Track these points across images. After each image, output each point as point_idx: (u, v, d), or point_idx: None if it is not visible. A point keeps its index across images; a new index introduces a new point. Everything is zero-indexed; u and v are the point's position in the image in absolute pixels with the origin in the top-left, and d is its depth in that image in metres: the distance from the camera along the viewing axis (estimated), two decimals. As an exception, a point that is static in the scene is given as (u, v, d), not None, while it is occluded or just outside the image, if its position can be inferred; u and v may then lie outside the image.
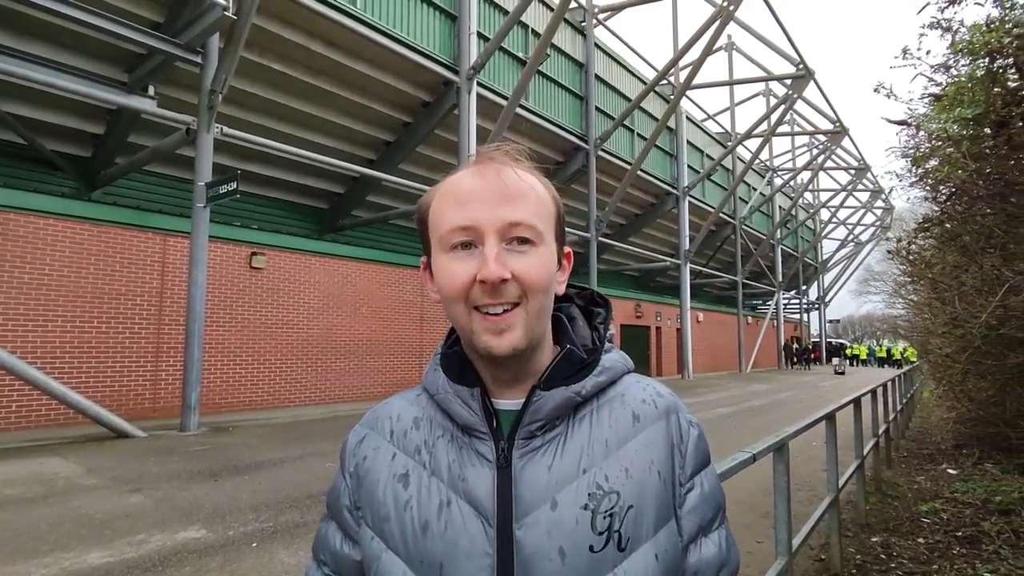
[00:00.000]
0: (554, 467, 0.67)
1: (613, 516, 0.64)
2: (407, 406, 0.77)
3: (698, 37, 15.72)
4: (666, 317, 24.88)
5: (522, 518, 0.64)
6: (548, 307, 0.71)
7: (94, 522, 4.28)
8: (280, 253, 11.71)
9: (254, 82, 10.48)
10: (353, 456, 0.76)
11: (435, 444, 0.71)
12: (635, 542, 0.65)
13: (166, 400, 9.82)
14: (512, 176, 0.68)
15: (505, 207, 0.66)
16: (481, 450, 0.68)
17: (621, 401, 0.73)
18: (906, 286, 9.48)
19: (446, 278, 0.68)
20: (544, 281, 0.68)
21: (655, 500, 0.67)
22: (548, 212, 0.71)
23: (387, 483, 0.71)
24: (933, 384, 9.26)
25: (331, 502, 0.78)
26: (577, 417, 0.70)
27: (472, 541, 0.64)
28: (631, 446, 0.69)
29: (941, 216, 4.70)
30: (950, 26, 3.75)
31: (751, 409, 12.44)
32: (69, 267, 8.92)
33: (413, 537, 0.66)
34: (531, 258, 0.67)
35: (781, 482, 2.56)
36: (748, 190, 28.90)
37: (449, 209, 0.68)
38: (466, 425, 0.70)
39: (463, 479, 0.67)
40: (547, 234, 0.69)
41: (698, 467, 0.73)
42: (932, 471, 6.50)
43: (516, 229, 0.66)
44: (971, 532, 4.25)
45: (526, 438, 0.68)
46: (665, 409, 0.73)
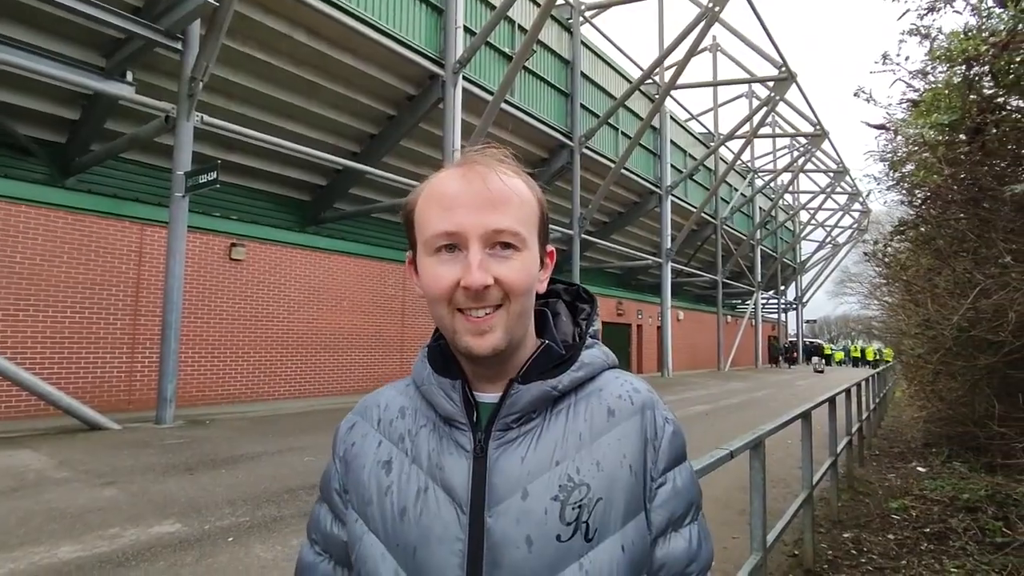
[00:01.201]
0: (527, 459, 0.69)
1: (582, 507, 0.66)
2: (396, 396, 0.80)
3: (683, 37, 15.82)
4: (647, 315, 25.06)
5: (494, 506, 0.67)
6: (529, 308, 0.73)
7: (65, 516, 4.20)
8: (260, 245, 11.57)
9: (236, 70, 10.32)
10: (343, 442, 0.79)
11: (418, 433, 0.74)
12: (602, 533, 0.67)
13: (141, 392, 9.66)
14: (496, 181, 0.69)
15: (489, 213, 0.68)
16: (460, 440, 0.71)
17: (598, 396, 0.74)
18: (881, 288, 9.67)
19: (431, 280, 0.70)
20: (526, 285, 0.70)
21: (625, 493, 0.69)
22: (532, 215, 0.73)
23: (371, 469, 0.74)
24: (905, 384, 9.46)
25: (323, 485, 0.81)
26: (554, 411, 0.72)
27: (445, 527, 0.67)
28: (604, 440, 0.71)
29: (916, 220, 4.81)
30: (928, 33, 3.83)
31: (729, 407, 12.60)
32: (42, 255, 8.71)
33: (392, 521, 0.69)
34: (514, 263, 0.69)
35: (757, 479, 2.60)
36: (730, 190, 29.21)
37: (434, 212, 0.70)
38: (447, 416, 0.72)
39: (440, 467, 0.70)
40: (530, 238, 0.71)
41: (671, 463, 0.74)
42: (902, 469, 6.66)
43: (500, 236, 0.68)
44: (939, 529, 4.36)
45: (502, 430, 0.71)
46: (641, 405, 0.75)
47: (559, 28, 16.87)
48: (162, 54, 8.78)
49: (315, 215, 13.69)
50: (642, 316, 24.80)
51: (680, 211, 23.96)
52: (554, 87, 16.54)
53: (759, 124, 22.52)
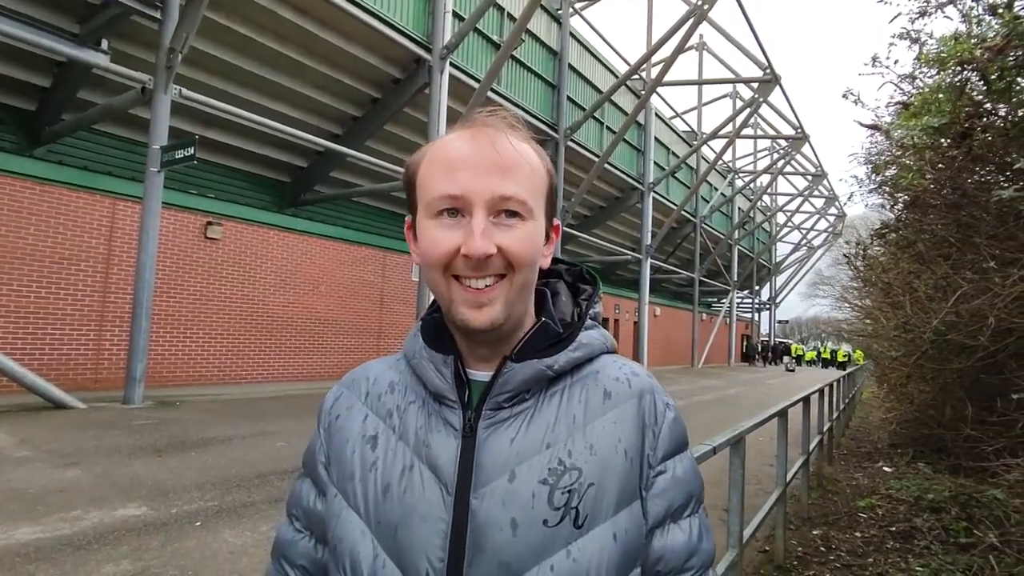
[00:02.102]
0: (517, 440, 0.66)
1: (572, 492, 0.63)
2: (385, 370, 0.77)
3: (671, 34, 15.82)
4: (624, 310, 25.24)
5: (480, 488, 0.64)
6: (532, 281, 0.70)
7: (25, 496, 4.06)
8: (237, 224, 11.32)
9: (217, 44, 10.04)
10: (328, 414, 0.76)
11: (406, 409, 0.71)
12: (593, 520, 0.64)
13: (109, 371, 9.42)
14: (506, 145, 0.66)
15: (496, 178, 0.64)
16: (449, 418, 0.68)
17: (595, 378, 0.71)
18: (854, 291, 9.84)
19: (429, 245, 0.66)
20: (530, 256, 0.67)
21: (618, 479, 0.66)
22: (540, 185, 0.69)
23: (356, 443, 0.71)
24: (876, 386, 9.66)
25: (307, 459, 0.78)
26: (549, 392, 0.69)
27: (429, 506, 0.64)
28: (599, 423, 0.68)
29: (897, 223, 4.88)
30: (919, 37, 3.87)
31: (702, 403, 12.75)
32: (7, 226, 8.41)
33: (374, 498, 0.66)
34: (518, 232, 0.65)
35: (736, 475, 2.61)
36: (710, 190, 29.47)
37: (439, 174, 0.66)
38: (437, 392, 0.69)
39: (427, 445, 0.67)
40: (537, 208, 0.68)
41: (672, 451, 0.72)
42: (869, 468, 6.80)
43: (506, 203, 0.65)
44: (904, 528, 4.46)
45: (493, 409, 0.68)
46: (639, 389, 0.72)
47: (548, 18, 16.76)
48: (139, 23, 8.50)
49: (294, 197, 13.45)
50: (619, 311, 24.97)
51: (661, 208, 24.12)
52: (541, 78, 16.45)
53: (742, 125, 22.69)
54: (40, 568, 3.01)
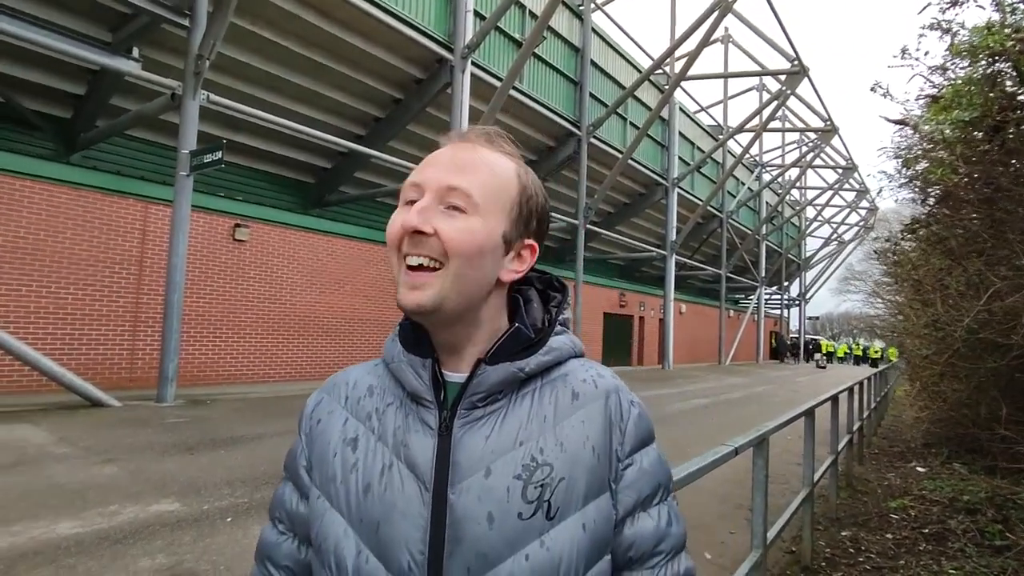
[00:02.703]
0: (492, 438, 0.70)
1: (544, 487, 0.68)
2: (364, 375, 0.80)
3: (695, 28, 15.62)
4: (649, 307, 25.03)
5: (457, 483, 0.68)
6: (474, 279, 0.72)
7: (65, 491, 4.21)
8: (264, 226, 11.53)
9: (243, 49, 10.23)
10: (309, 419, 0.80)
11: (384, 411, 0.74)
12: (564, 512, 0.68)
13: (143, 370, 9.68)
14: (472, 149, 0.73)
15: (452, 172, 0.71)
16: (425, 418, 0.72)
17: (564, 381, 0.76)
18: (886, 286, 9.61)
19: (389, 226, 0.73)
20: (466, 248, 0.69)
21: (587, 474, 0.70)
22: (501, 191, 0.73)
23: (337, 446, 0.74)
24: (908, 384, 9.43)
25: (288, 463, 0.81)
26: (520, 393, 0.73)
27: (408, 502, 0.68)
28: (568, 422, 0.72)
29: (928, 218, 4.74)
30: (950, 28, 3.75)
31: (729, 401, 12.60)
32: (45, 230, 8.70)
33: (356, 498, 0.70)
34: (458, 223, 0.70)
35: (760, 476, 2.58)
36: (737, 184, 29.03)
37: (415, 171, 0.74)
38: (414, 393, 0.73)
39: (405, 444, 0.71)
40: (487, 208, 0.71)
41: (638, 445, 0.76)
42: (902, 468, 6.65)
43: (452, 194, 0.70)
44: (938, 530, 4.35)
45: (468, 409, 0.71)
46: (605, 389, 0.76)
47: (570, 14, 16.67)
48: (169, 31, 8.70)
49: (319, 198, 13.64)
50: (644, 308, 24.77)
51: (686, 204, 23.84)
52: (563, 75, 16.39)
53: (769, 118, 22.31)
54: (80, 561, 3.12)
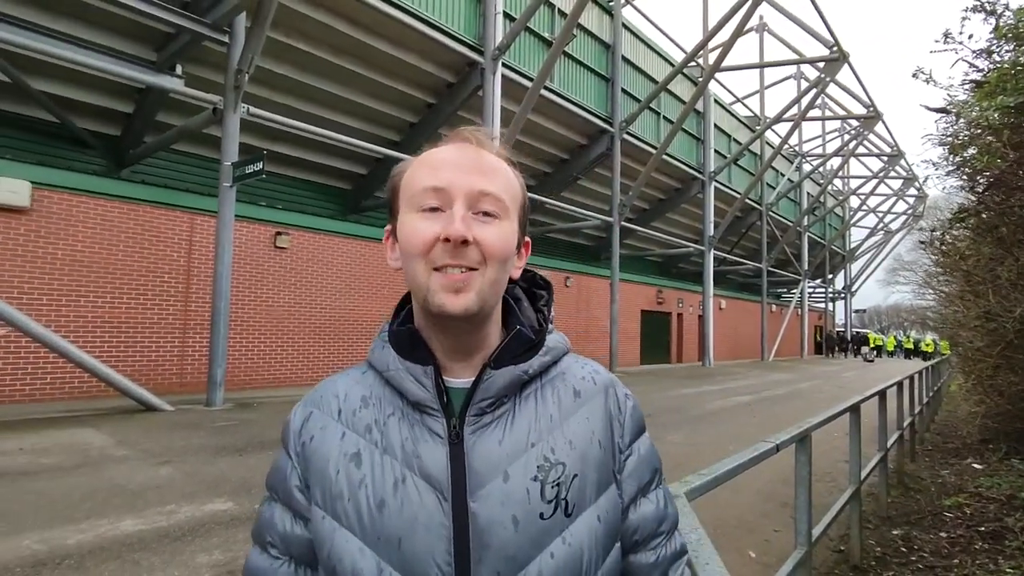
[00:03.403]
0: (504, 442, 0.70)
1: (560, 485, 0.69)
2: (353, 384, 0.77)
3: (729, 17, 15.33)
4: (688, 304, 24.67)
5: (476, 491, 0.67)
6: (503, 281, 0.73)
7: (126, 492, 4.42)
8: (304, 233, 11.84)
9: (280, 62, 10.52)
10: (299, 436, 0.76)
11: (386, 423, 0.72)
12: (580, 507, 0.70)
13: (192, 375, 10.06)
14: (487, 153, 0.73)
15: (478, 176, 0.70)
16: (433, 427, 0.70)
17: (563, 379, 0.77)
18: (937, 277, 9.25)
19: (410, 235, 0.70)
20: (504, 252, 0.71)
21: (597, 468, 0.73)
22: (516, 195, 0.75)
23: (338, 462, 0.71)
24: (962, 378, 9.07)
25: (276, 484, 0.77)
26: (523, 395, 0.74)
27: (429, 515, 0.67)
28: (574, 420, 0.74)
29: (977, 206, 4.56)
30: (994, 9, 3.60)
31: (773, 398, 12.33)
32: (100, 243, 9.13)
33: (369, 515, 0.68)
34: (495, 228, 0.70)
35: (803, 473, 2.54)
36: (776, 176, 28.34)
37: (423, 173, 0.71)
38: (417, 402, 0.71)
39: (417, 456, 0.69)
40: (512, 212, 0.73)
41: (635, 435, 0.79)
42: (957, 465, 6.40)
43: (485, 199, 0.70)
44: (995, 528, 4.19)
45: (477, 415, 0.71)
46: (603, 385, 0.79)
47: (600, 11, 16.58)
48: (209, 47, 9.01)
49: (356, 203, 13.90)
50: (683, 305, 24.42)
51: (723, 197, 23.39)
52: (594, 72, 16.30)
53: (808, 106, 21.69)
54: (144, 557, 3.28)
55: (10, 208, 8.24)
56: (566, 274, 18.16)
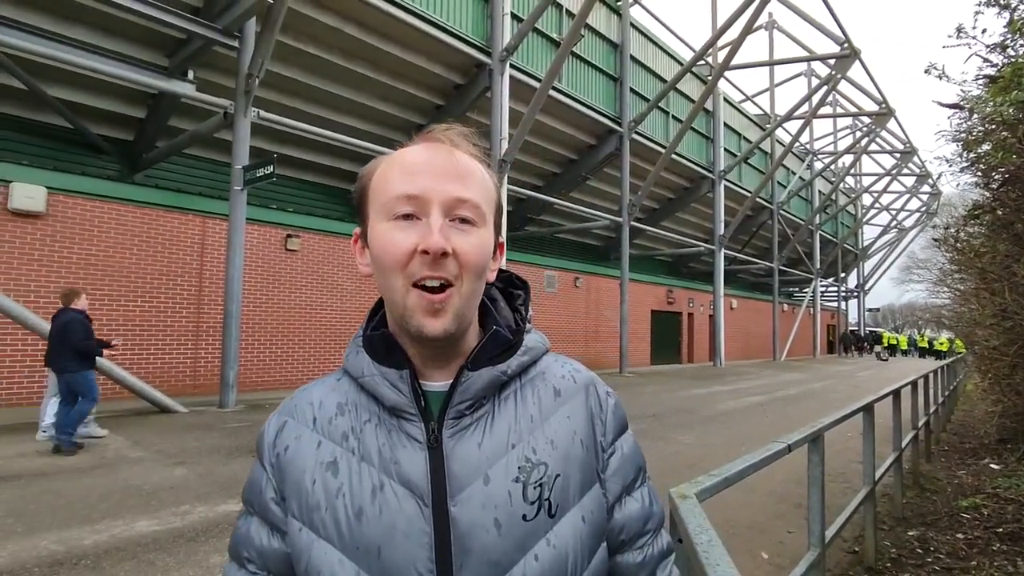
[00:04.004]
0: (484, 444, 0.68)
1: (543, 486, 0.68)
2: (328, 392, 0.76)
3: (738, 15, 15.24)
4: (698, 303, 24.54)
5: (456, 495, 0.66)
6: (479, 291, 0.71)
7: (141, 492, 4.47)
8: (314, 235, 11.91)
9: (290, 66, 10.60)
10: (273, 446, 0.74)
11: (363, 429, 0.70)
12: (563, 508, 0.68)
13: (205, 377, 10.15)
14: (462, 155, 0.70)
15: (454, 182, 0.67)
16: (411, 432, 0.69)
17: (542, 379, 0.76)
18: (952, 275, 9.14)
19: (385, 246, 0.67)
20: (481, 263, 0.69)
21: (579, 467, 0.71)
22: (490, 198, 0.72)
23: (314, 472, 0.69)
24: (978, 377, 8.95)
25: (251, 497, 0.74)
26: (502, 396, 0.72)
27: (409, 521, 0.65)
28: (555, 419, 0.73)
29: (993, 203, 4.49)
30: (1008, 3, 3.55)
31: (785, 398, 12.24)
32: (114, 247, 9.24)
33: (347, 524, 0.66)
34: (472, 238, 0.68)
35: (816, 473, 2.52)
36: (787, 174, 28.13)
37: (396, 177, 0.68)
38: (394, 407, 0.70)
39: (395, 462, 0.67)
40: (488, 218, 0.71)
41: (618, 433, 0.78)
42: (974, 466, 6.32)
43: (462, 206, 0.67)
44: (1013, 529, 4.13)
45: (455, 418, 0.69)
46: (584, 383, 0.77)
47: (607, 11, 16.54)
48: (220, 52, 9.09)
49: (366, 206, 13.94)
50: (693, 304, 24.30)
51: (734, 196, 23.26)
52: (602, 72, 16.27)
53: (819, 104, 21.51)
54: (159, 557, 3.32)
55: (27, 213, 8.36)
56: (576, 274, 18.13)
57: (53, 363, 5.96)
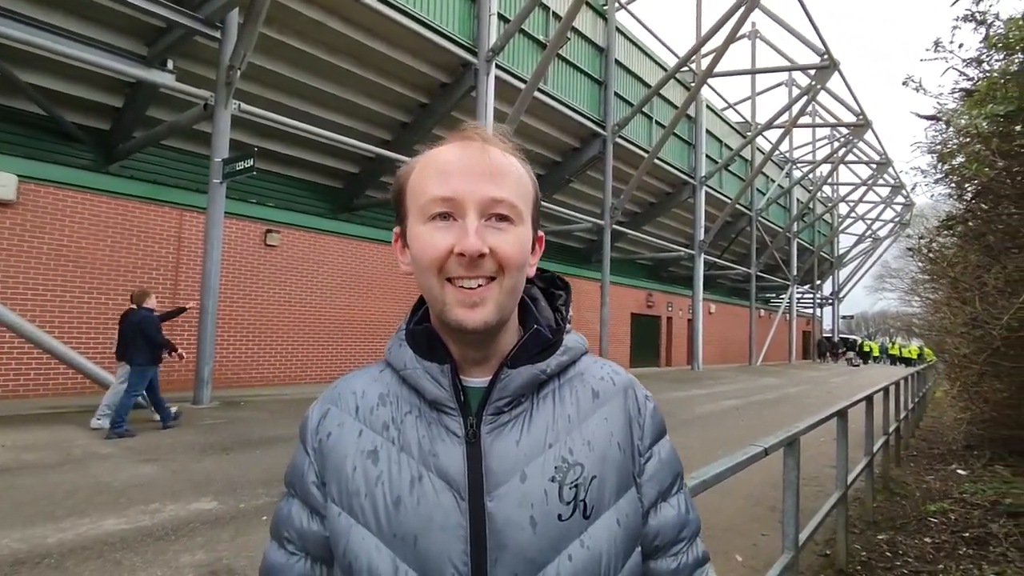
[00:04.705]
0: (522, 442, 0.69)
1: (579, 487, 0.68)
2: (371, 382, 0.77)
3: (722, 24, 15.42)
4: (677, 307, 24.77)
5: (493, 490, 0.67)
6: (520, 286, 0.72)
7: (110, 490, 4.37)
8: (294, 231, 11.77)
9: (272, 59, 10.46)
10: (316, 433, 0.75)
11: (403, 421, 0.72)
12: (599, 510, 0.69)
13: (179, 373, 9.95)
14: (496, 153, 0.70)
15: (488, 182, 0.67)
16: (450, 426, 0.70)
17: (581, 379, 0.76)
18: (924, 284, 9.35)
19: (423, 248, 0.68)
20: (520, 259, 0.69)
21: (616, 470, 0.71)
22: (527, 193, 0.73)
23: (355, 459, 0.71)
24: (947, 384, 9.17)
25: (294, 480, 0.77)
26: (541, 395, 0.73)
27: (446, 514, 0.66)
28: (592, 420, 0.73)
29: (965, 214, 4.61)
30: (985, 19, 3.64)
31: (762, 402, 12.41)
32: (87, 238, 9.02)
33: (386, 512, 0.67)
34: (509, 235, 0.68)
35: (791, 477, 2.55)
36: (766, 182, 28.54)
37: (430, 179, 0.69)
38: (435, 400, 0.71)
39: (434, 454, 0.68)
40: (525, 214, 0.71)
41: (656, 437, 0.78)
42: (942, 471, 6.46)
43: (497, 206, 0.68)
44: (979, 533, 4.22)
45: (494, 414, 0.70)
46: (622, 386, 0.78)
47: (593, 14, 16.62)
48: (201, 42, 8.94)
49: (347, 202, 13.84)
50: (672, 308, 24.52)
51: (714, 202, 23.52)
52: (588, 75, 16.34)
53: (799, 113, 21.89)
54: (125, 556, 3.24)
55: (-5, 201, 8.13)
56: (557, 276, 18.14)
57: (125, 356, 6.60)
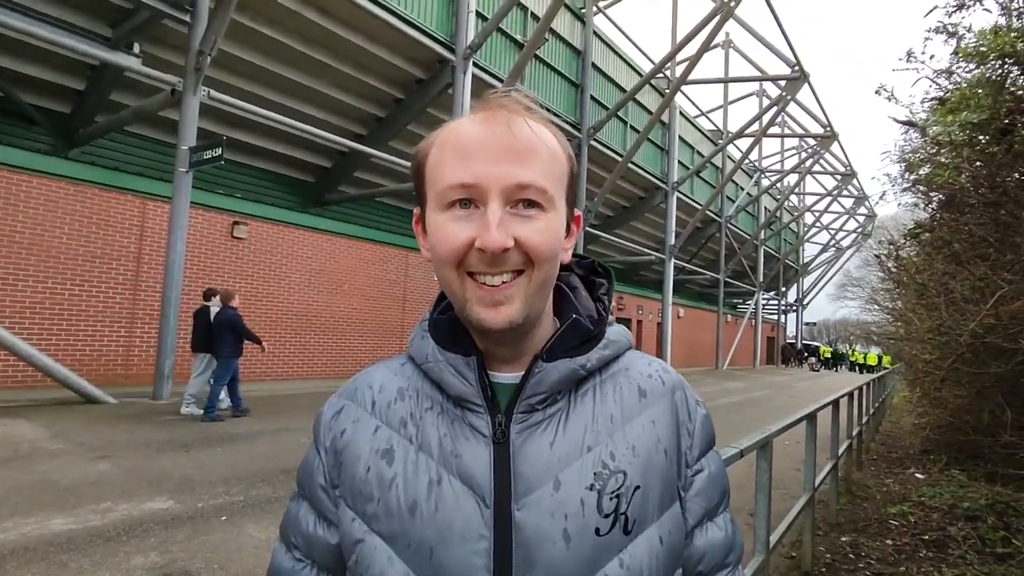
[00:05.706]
0: (556, 444, 0.61)
1: (620, 497, 0.60)
2: (391, 376, 0.70)
3: (696, 32, 15.62)
4: (647, 311, 25.01)
5: (522, 498, 0.59)
6: (552, 278, 0.64)
7: (58, 488, 4.16)
8: (263, 224, 11.48)
9: (244, 46, 10.20)
10: (329, 429, 0.69)
11: (423, 417, 0.64)
12: (641, 525, 0.61)
13: (139, 367, 9.62)
14: (523, 128, 0.60)
15: (513, 165, 0.59)
16: (476, 424, 0.62)
17: (626, 376, 0.68)
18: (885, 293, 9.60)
19: (440, 239, 0.61)
20: (551, 250, 0.61)
21: (661, 480, 0.63)
22: (560, 172, 0.63)
23: (369, 459, 0.64)
24: (908, 390, 9.42)
25: (303, 480, 0.70)
26: (579, 392, 0.65)
27: (467, 522, 0.58)
28: (637, 423, 0.65)
29: (932, 222, 4.73)
30: (956, 31, 3.74)
31: (728, 406, 12.57)
32: (42, 225, 8.64)
33: (400, 518, 0.60)
34: (538, 224, 0.60)
35: (763, 479, 2.55)
36: (736, 189, 29.06)
37: (450, 161, 0.60)
38: (459, 396, 0.64)
39: (456, 455, 0.61)
40: (557, 197, 0.62)
41: (705, 448, 0.70)
42: (900, 474, 6.62)
43: (524, 191, 0.59)
44: (938, 536, 4.32)
45: (526, 412, 0.63)
46: (672, 386, 0.69)
47: (572, 17, 16.68)
48: (170, 26, 8.67)
49: (319, 196, 13.60)
50: (642, 312, 24.75)
51: (685, 208, 23.85)
52: (564, 77, 16.39)
53: (769, 123, 22.31)
54: (72, 558, 3.08)
55: (-57, 183, 7.73)
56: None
57: (208, 349, 7.35)
